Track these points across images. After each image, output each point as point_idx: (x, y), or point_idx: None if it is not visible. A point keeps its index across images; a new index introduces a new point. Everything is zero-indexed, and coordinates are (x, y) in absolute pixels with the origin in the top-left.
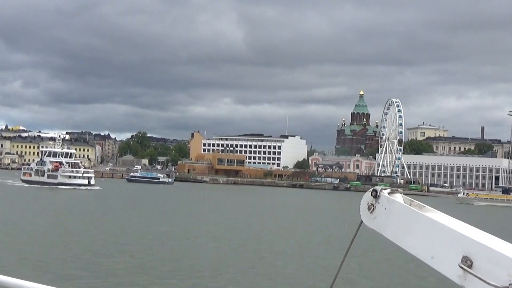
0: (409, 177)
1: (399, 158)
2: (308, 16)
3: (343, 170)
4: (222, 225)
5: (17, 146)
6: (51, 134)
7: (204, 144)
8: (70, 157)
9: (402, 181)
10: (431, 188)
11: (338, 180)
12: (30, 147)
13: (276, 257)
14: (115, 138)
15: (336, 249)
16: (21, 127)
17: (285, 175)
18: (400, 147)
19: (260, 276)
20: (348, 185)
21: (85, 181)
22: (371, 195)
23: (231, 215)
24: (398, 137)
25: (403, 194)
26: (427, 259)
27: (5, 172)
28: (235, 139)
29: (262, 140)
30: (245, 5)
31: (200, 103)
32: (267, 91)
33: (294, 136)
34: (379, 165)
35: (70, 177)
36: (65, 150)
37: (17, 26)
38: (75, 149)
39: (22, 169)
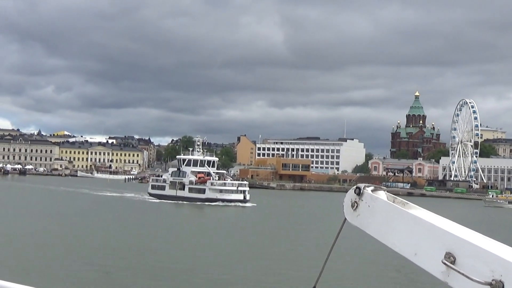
0: (484, 181)
1: (475, 162)
2: (352, 17)
3: (413, 174)
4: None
5: (66, 152)
6: (97, 139)
7: (259, 149)
8: (213, 166)
9: (478, 186)
10: None
11: (409, 185)
12: (79, 152)
13: None
14: (153, 142)
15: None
16: (66, 132)
17: (350, 180)
18: (476, 150)
19: None
20: (423, 191)
21: (240, 196)
22: (355, 192)
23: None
24: (473, 140)
25: (386, 191)
26: (411, 255)
27: (77, 181)
28: (290, 143)
29: (320, 144)
30: (289, 6)
31: (233, 106)
32: (302, 94)
33: (352, 139)
34: (444, 168)
35: (221, 191)
36: (208, 158)
37: (56, 30)
38: (124, 154)
39: (150, 180)
